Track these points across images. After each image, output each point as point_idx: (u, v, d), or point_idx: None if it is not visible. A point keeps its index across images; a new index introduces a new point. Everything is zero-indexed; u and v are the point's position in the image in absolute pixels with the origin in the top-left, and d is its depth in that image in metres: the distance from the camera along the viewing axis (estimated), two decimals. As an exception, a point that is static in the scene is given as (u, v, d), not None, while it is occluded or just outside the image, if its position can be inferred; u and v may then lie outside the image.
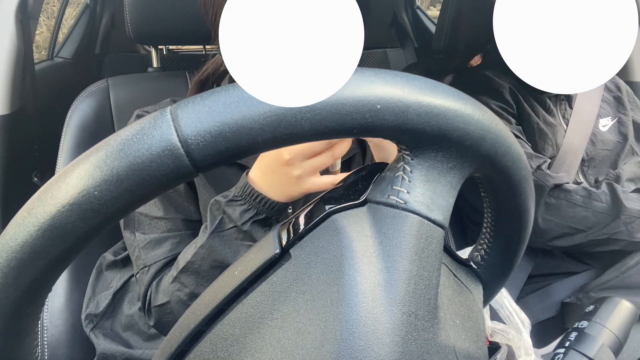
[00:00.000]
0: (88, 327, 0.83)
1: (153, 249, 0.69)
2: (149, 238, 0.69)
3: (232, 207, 0.61)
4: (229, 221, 0.61)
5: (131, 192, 0.24)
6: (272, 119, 0.24)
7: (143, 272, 0.69)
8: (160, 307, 0.66)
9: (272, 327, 0.29)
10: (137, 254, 0.70)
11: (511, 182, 0.34)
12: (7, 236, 0.24)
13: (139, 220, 0.71)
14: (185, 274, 0.64)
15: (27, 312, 0.26)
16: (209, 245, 0.62)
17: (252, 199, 0.60)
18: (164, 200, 0.70)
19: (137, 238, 0.70)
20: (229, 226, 0.61)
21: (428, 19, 2.25)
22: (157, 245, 0.69)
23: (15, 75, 1.13)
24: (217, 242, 0.62)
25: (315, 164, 0.57)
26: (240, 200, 0.61)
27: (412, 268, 0.28)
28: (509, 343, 0.48)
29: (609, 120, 1.09)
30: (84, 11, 2.16)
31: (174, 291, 0.65)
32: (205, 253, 0.62)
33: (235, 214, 0.61)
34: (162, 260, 0.68)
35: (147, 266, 0.68)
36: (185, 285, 0.64)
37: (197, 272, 0.63)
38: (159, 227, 0.70)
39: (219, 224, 0.61)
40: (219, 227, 0.61)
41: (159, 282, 0.67)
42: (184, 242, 0.70)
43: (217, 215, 0.62)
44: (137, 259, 0.70)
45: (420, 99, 0.27)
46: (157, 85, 1.02)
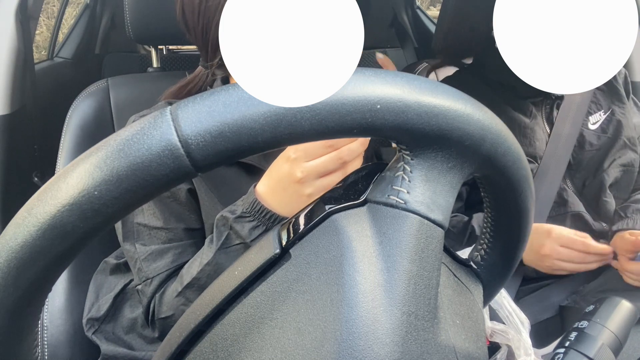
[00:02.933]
0: (89, 331, 0.83)
1: (155, 261, 0.68)
2: (150, 250, 0.69)
3: (240, 223, 0.60)
4: (235, 237, 0.61)
5: (131, 192, 0.24)
6: (272, 119, 0.24)
7: (146, 284, 0.68)
8: (165, 319, 0.66)
9: (272, 327, 0.29)
10: (138, 266, 0.69)
11: (511, 182, 0.34)
12: (7, 236, 0.24)
13: (139, 231, 0.70)
14: (191, 289, 0.63)
15: (27, 312, 0.26)
16: (215, 262, 0.61)
17: (261, 215, 0.60)
18: (163, 210, 0.69)
19: (137, 250, 0.69)
20: (236, 242, 0.61)
21: (428, 19, 2.25)
22: (159, 257, 0.68)
23: (15, 75, 1.13)
24: (223, 258, 0.61)
25: (327, 182, 0.56)
26: (249, 217, 0.60)
27: (412, 268, 0.28)
28: (508, 343, 0.48)
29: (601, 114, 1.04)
30: (84, 11, 2.16)
31: (179, 305, 0.64)
32: (212, 270, 0.62)
33: (244, 231, 0.60)
34: (164, 272, 0.68)
35: (149, 278, 0.68)
36: (190, 300, 0.64)
37: (202, 288, 0.62)
38: (160, 238, 0.69)
39: (225, 240, 0.61)
40: (226, 243, 0.61)
41: (162, 294, 0.67)
42: (186, 252, 0.69)
43: (224, 232, 0.61)
44: (139, 272, 0.69)
45: (420, 99, 0.27)
46: (157, 85, 1.02)
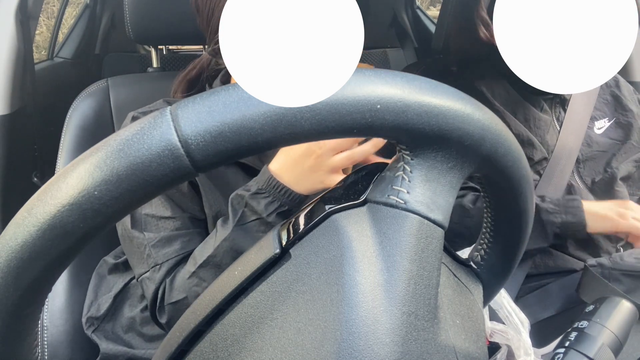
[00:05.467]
0: (89, 330, 0.83)
1: (164, 247, 0.69)
2: (159, 236, 0.70)
3: (256, 199, 0.63)
4: (251, 214, 0.64)
5: (131, 192, 0.24)
6: (272, 119, 0.24)
7: (154, 270, 0.69)
8: (176, 304, 0.67)
9: (272, 327, 0.29)
10: (147, 252, 0.70)
11: (511, 182, 0.34)
12: (7, 236, 0.24)
13: (146, 221, 0.71)
14: (205, 268, 0.65)
15: (27, 312, 0.26)
16: (232, 238, 0.64)
17: (276, 191, 0.63)
18: (169, 201, 0.71)
19: (146, 237, 0.70)
20: (252, 218, 0.64)
21: (428, 19, 2.25)
22: (168, 244, 0.69)
23: (15, 75, 1.12)
24: (240, 234, 0.64)
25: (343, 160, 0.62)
26: (264, 193, 0.63)
27: (412, 268, 0.28)
28: (508, 343, 0.48)
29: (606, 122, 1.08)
30: (84, 11, 2.16)
31: (192, 287, 0.65)
32: (228, 246, 0.64)
33: (260, 207, 0.63)
34: (174, 258, 0.69)
35: (158, 264, 0.68)
36: (204, 280, 0.65)
37: (218, 266, 0.64)
38: (167, 227, 0.70)
39: (241, 216, 0.64)
40: (242, 220, 0.64)
41: (172, 279, 0.68)
42: (193, 240, 0.71)
43: (239, 209, 0.64)
44: (147, 257, 0.70)
45: (420, 99, 0.27)
46: (157, 85, 1.02)
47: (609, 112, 1.09)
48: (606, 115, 1.08)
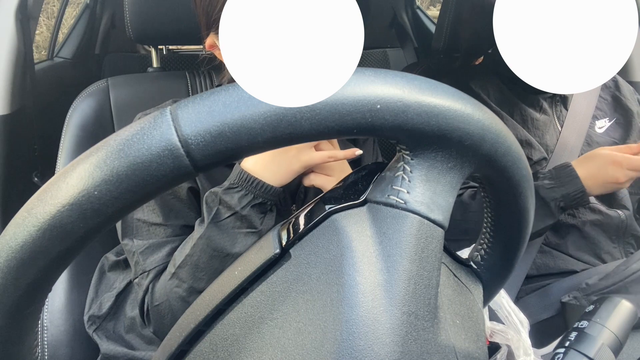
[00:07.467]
0: (91, 328, 0.83)
1: (152, 254, 0.69)
2: (148, 243, 0.69)
3: (229, 194, 0.63)
4: (225, 210, 0.63)
5: (131, 192, 0.24)
6: (272, 119, 0.24)
7: (142, 277, 0.68)
8: (158, 307, 0.66)
9: (272, 327, 0.29)
10: (136, 259, 0.69)
11: (511, 182, 0.34)
12: (7, 236, 0.24)
13: (138, 227, 0.71)
14: (184, 268, 0.64)
15: (27, 312, 0.26)
16: (207, 236, 0.63)
17: (248, 184, 0.63)
18: (163, 207, 0.70)
19: (135, 244, 0.70)
20: (227, 215, 0.63)
21: (428, 19, 2.25)
22: (156, 250, 0.69)
23: (15, 75, 1.12)
24: (215, 232, 0.63)
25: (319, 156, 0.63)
26: (237, 187, 0.64)
27: (412, 268, 0.28)
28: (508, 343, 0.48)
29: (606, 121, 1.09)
30: (84, 11, 2.15)
31: (172, 288, 0.65)
32: (204, 244, 0.63)
33: (233, 201, 0.63)
34: (161, 265, 0.68)
35: (146, 271, 0.68)
36: (184, 280, 0.64)
37: (195, 265, 0.64)
38: (158, 234, 0.70)
39: (215, 214, 0.63)
40: (216, 217, 0.63)
41: (155, 283, 0.67)
42: None
43: (213, 207, 0.64)
44: (136, 265, 0.69)
45: (420, 99, 0.27)
46: (157, 85, 1.02)
47: (610, 112, 1.09)
48: (607, 115, 1.09)
